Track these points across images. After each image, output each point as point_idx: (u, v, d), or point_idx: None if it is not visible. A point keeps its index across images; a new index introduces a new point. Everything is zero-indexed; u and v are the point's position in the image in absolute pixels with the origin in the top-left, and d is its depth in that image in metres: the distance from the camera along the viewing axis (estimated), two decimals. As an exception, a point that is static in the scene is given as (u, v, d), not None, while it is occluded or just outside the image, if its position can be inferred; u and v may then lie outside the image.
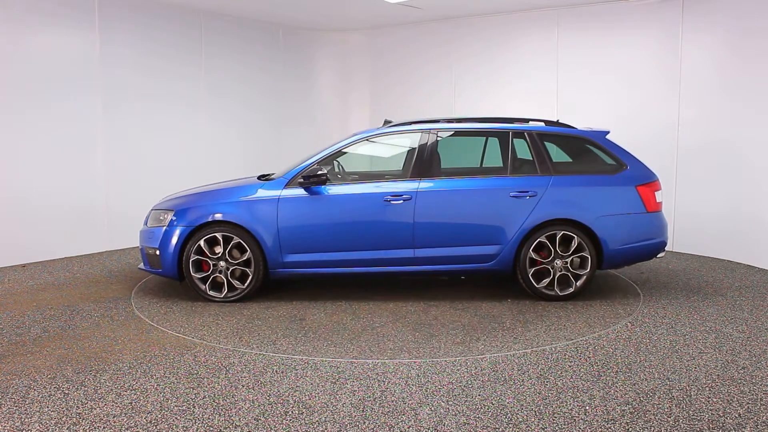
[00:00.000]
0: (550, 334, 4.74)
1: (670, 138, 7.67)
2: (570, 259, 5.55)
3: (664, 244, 5.78)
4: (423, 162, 5.69)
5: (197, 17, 8.71)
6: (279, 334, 4.79)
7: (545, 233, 5.52)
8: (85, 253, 7.65)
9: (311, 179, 5.53)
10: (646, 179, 5.68)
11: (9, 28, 6.87)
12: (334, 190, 5.64)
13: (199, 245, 5.52)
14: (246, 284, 5.57)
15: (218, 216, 5.54)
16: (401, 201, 5.54)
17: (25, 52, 7.00)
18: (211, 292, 5.58)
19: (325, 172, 5.54)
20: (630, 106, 7.93)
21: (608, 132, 5.89)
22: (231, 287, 5.59)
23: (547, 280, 5.55)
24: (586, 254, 5.53)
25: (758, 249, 6.91)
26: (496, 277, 6.17)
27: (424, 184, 5.60)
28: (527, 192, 5.56)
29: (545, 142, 5.76)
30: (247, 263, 5.56)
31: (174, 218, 5.61)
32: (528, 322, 5.02)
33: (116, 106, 7.84)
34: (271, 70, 9.84)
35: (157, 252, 5.62)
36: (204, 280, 5.58)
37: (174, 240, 5.56)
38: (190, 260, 5.53)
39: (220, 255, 5.54)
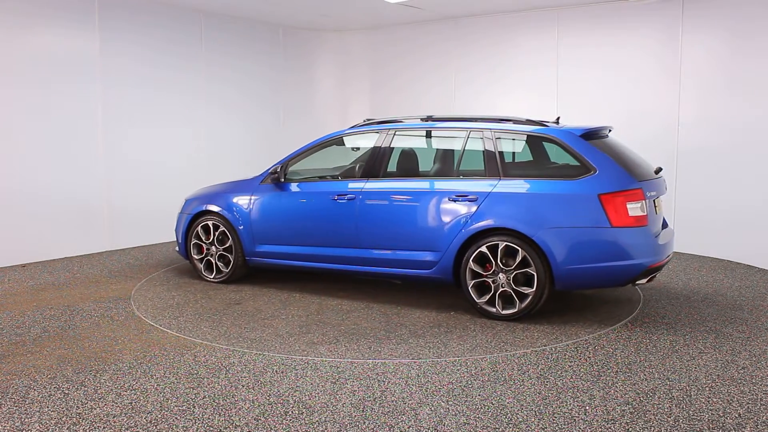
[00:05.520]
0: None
1: (670, 138, 7.67)
2: (513, 274, 4.90)
3: (645, 268, 4.77)
4: (374, 162, 5.63)
5: (197, 17, 8.69)
6: (190, 312, 5.29)
7: (486, 243, 4.95)
8: (85, 253, 7.65)
9: (272, 176, 6.00)
10: (614, 187, 4.71)
11: (8, 28, 6.87)
12: (296, 187, 5.94)
13: (197, 231, 6.29)
14: (228, 269, 6.17)
15: (207, 207, 6.26)
16: (346, 200, 5.57)
17: (24, 52, 6.99)
18: (204, 273, 6.33)
19: (279, 170, 5.92)
20: (630, 105, 7.92)
21: (591, 130, 5.09)
22: (219, 270, 6.25)
23: (487, 296, 4.99)
24: (531, 270, 4.84)
25: (758, 249, 6.91)
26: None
27: (370, 185, 5.54)
28: (466, 196, 5.06)
29: (503, 142, 5.15)
30: (230, 250, 6.16)
31: (184, 207, 6.53)
32: (418, 336, 4.66)
33: (117, 106, 7.83)
34: (272, 70, 9.84)
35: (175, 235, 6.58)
36: (202, 261, 6.35)
37: (182, 226, 6.45)
38: (191, 243, 6.38)
39: (210, 241, 6.24)
